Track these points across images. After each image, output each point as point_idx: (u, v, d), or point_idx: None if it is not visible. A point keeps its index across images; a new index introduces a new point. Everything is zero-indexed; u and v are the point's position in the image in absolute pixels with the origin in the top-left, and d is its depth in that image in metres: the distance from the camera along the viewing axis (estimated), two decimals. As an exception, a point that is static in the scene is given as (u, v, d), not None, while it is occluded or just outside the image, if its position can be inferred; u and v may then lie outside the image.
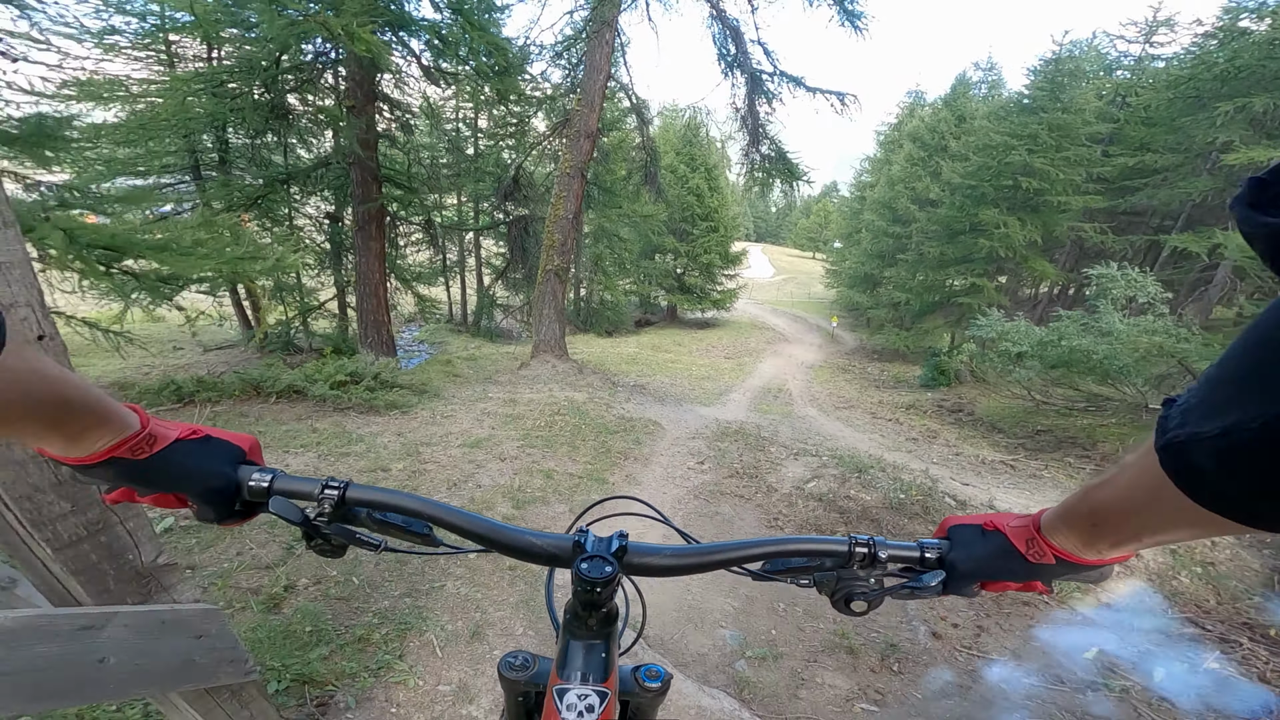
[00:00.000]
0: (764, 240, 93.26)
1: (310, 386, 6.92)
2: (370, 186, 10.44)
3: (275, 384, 6.82)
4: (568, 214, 11.78)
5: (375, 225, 10.93)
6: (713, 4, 9.95)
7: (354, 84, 9.56)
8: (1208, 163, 20.10)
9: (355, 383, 7.41)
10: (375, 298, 11.65)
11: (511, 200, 14.41)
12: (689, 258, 29.74)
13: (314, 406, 6.79)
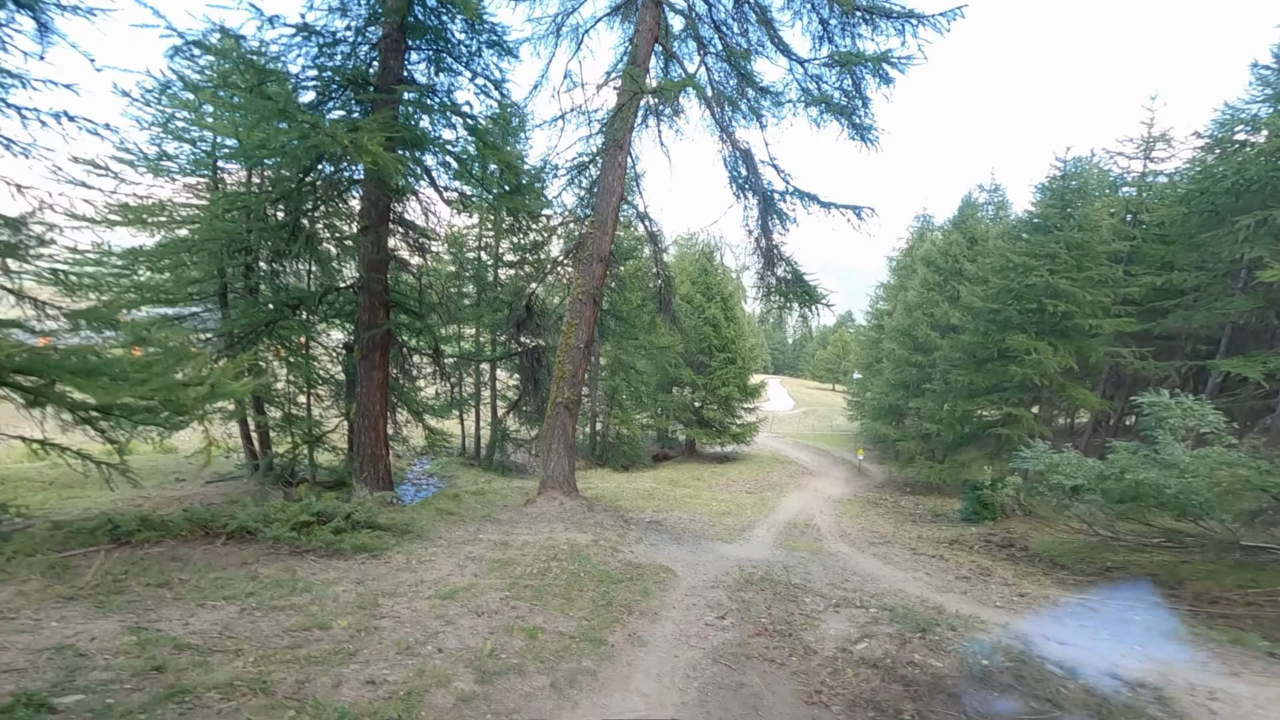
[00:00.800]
0: (782, 372, 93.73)
1: (265, 528, 6.24)
2: (377, 312, 10.39)
3: (226, 524, 6.18)
4: (579, 343, 11.48)
5: (380, 353, 10.75)
6: (723, 127, 10.38)
7: (368, 204, 9.87)
8: (1239, 281, 19.74)
9: (322, 523, 6.68)
10: (374, 430, 11.18)
11: (525, 330, 14.42)
12: (707, 390, 29.48)
13: (266, 549, 6.10)
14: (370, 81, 8.84)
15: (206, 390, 6.02)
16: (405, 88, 8.51)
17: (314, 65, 8.56)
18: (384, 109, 8.70)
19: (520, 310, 13.31)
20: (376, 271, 10.05)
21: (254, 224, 9.01)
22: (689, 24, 9.88)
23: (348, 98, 8.89)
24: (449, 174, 9.70)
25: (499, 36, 8.88)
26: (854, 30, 8.83)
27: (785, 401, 59.69)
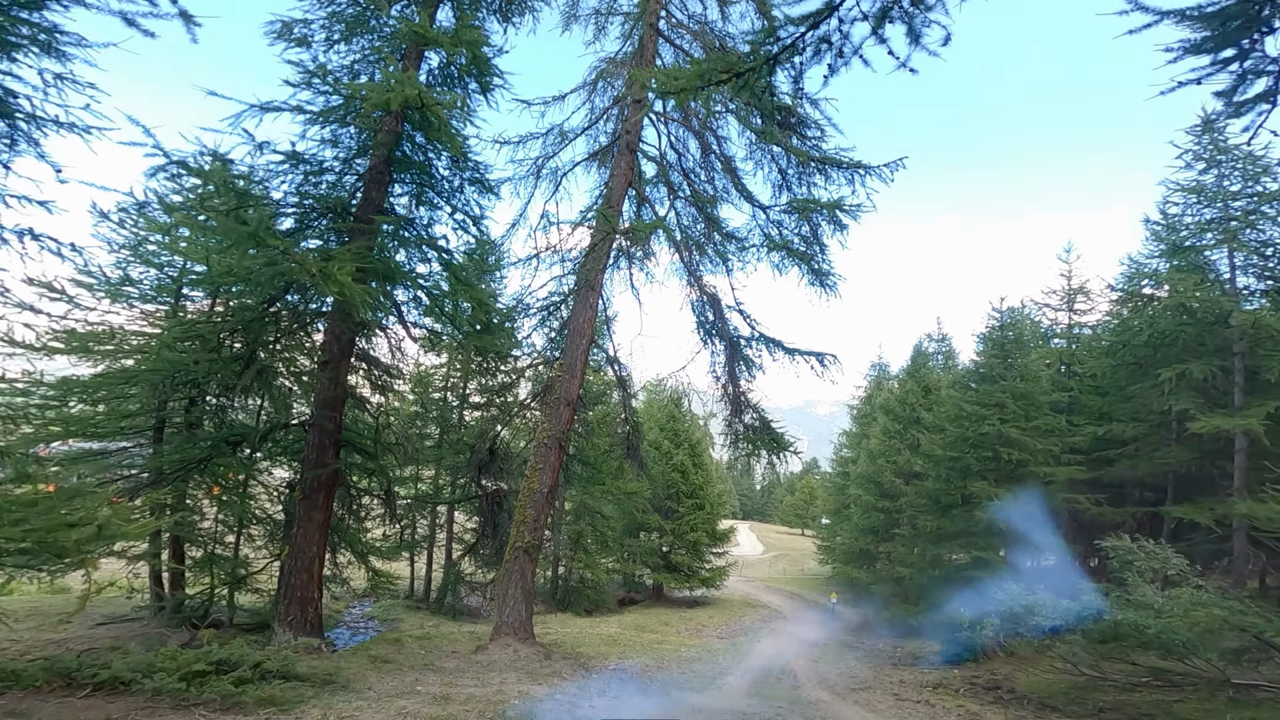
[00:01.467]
0: (751, 518, 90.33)
1: (145, 678, 4.90)
2: (326, 451, 9.20)
3: (97, 673, 4.93)
4: (543, 488, 10.59)
5: (325, 494, 9.39)
6: (690, 271, 10.26)
7: (332, 337, 9.08)
8: (1173, 432, 19.84)
9: (222, 673, 5.25)
10: (308, 572, 9.56)
11: (487, 473, 13.22)
12: (675, 535, 28.20)
13: (143, 703, 4.95)
14: (350, 211, 8.56)
15: (92, 532, 5.02)
16: (385, 219, 8.22)
17: (297, 192, 8.30)
18: (361, 239, 8.32)
19: (483, 453, 12.21)
20: (331, 409, 9.05)
21: (206, 355, 8.11)
22: (660, 170, 10.18)
23: (326, 226, 8.54)
24: (419, 309, 9.17)
25: (482, 174, 8.90)
26: (810, 179, 9.13)
27: (755, 546, 56.72)
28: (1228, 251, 17.29)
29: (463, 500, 16.19)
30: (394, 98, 7.39)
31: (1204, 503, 18.31)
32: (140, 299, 9.96)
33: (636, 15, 10.41)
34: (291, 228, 8.37)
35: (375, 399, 10.76)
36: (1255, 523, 15.30)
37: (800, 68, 5.71)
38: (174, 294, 10.21)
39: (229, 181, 7.12)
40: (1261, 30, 3.77)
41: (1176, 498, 19.89)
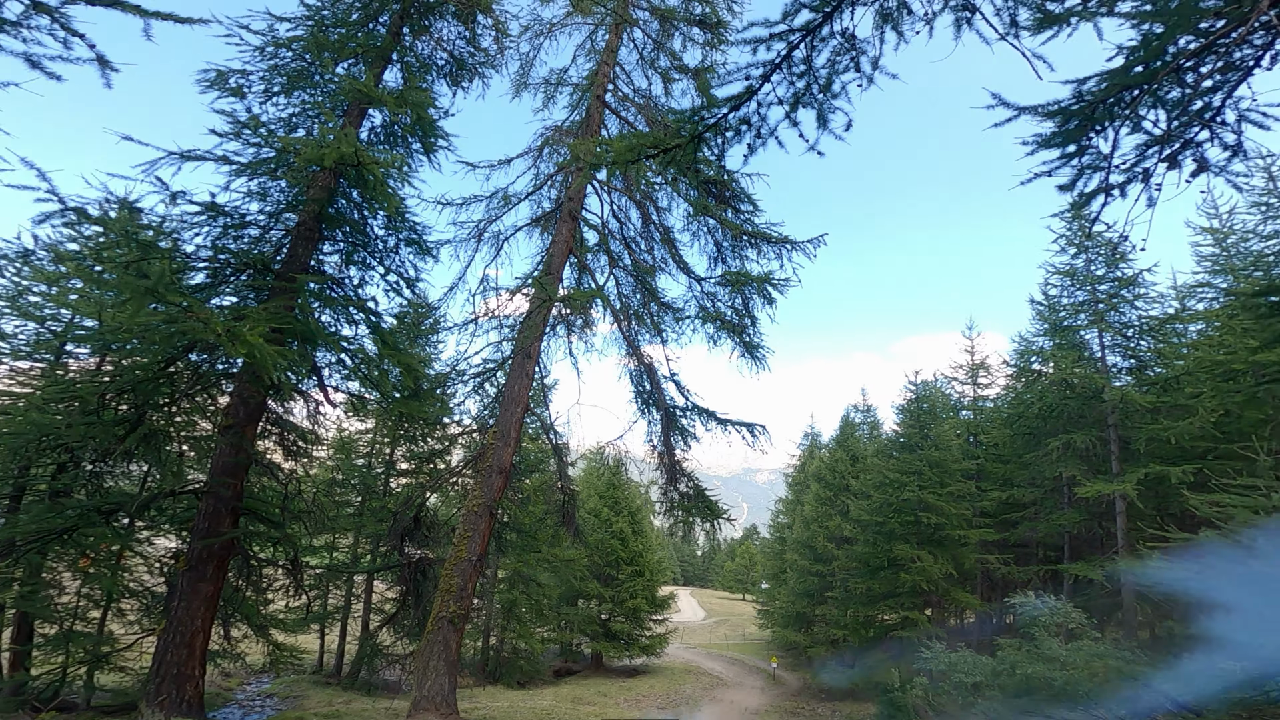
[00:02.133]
0: (692, 584, 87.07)
1: None
2: (221, 520, 7.88)
3: None
4: (471, 556, 9.58)
5: (216, 564, 7.98)
6: (629, 340, 9.88)
7: (238, 400, 7.96)
8: (1065, 496, 20.59)
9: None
10: (188, 647, 8.00)
11: (411, 540, 11.87)
12: (614, 603, 26.50)
13: None
14: (271, 268, 7.74)
15: None
16: (310, 278, 7.48)
17: (213, 246, 7.46)
18: (281, 297, 7.51)
19: (407, 520, 10.95)
20: (231, 476, 7.83)
21: (83, 418, 6.86)
22: (602, 238, 9.98)
23: (243, 282, 7.67)
24: (342, 373, 8.25)
25: (419, 235, 8.36)
26: (742, 252, 9.12)
27: (696, 612, 54.19)
28: (1098, 332, 18.62)
29: (383, 569, 14.50)
30: (329, 154, 6.87)
31: (1095, 559, 18.93)
32: (12, 355, 8.51)
33: (585, 87, 10.56)
34: (202, 283, 7.46)
35: (287, 465, 9.48)
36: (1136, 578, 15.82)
37: (723, 146, 5.71)
38: (55, 350, 8.81)
39: (132, 231, 6.28)
40: (1095, 129, 3.87)
41: (1072, 556, 20.48)
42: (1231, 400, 15.17)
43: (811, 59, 4.90)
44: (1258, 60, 3.42)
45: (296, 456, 9.42)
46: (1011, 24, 3.84)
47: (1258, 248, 16.53)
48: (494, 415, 10.95)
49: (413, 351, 10.74)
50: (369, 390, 8.92)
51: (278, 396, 8.37)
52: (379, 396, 8.81)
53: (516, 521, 16.01)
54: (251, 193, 7.71)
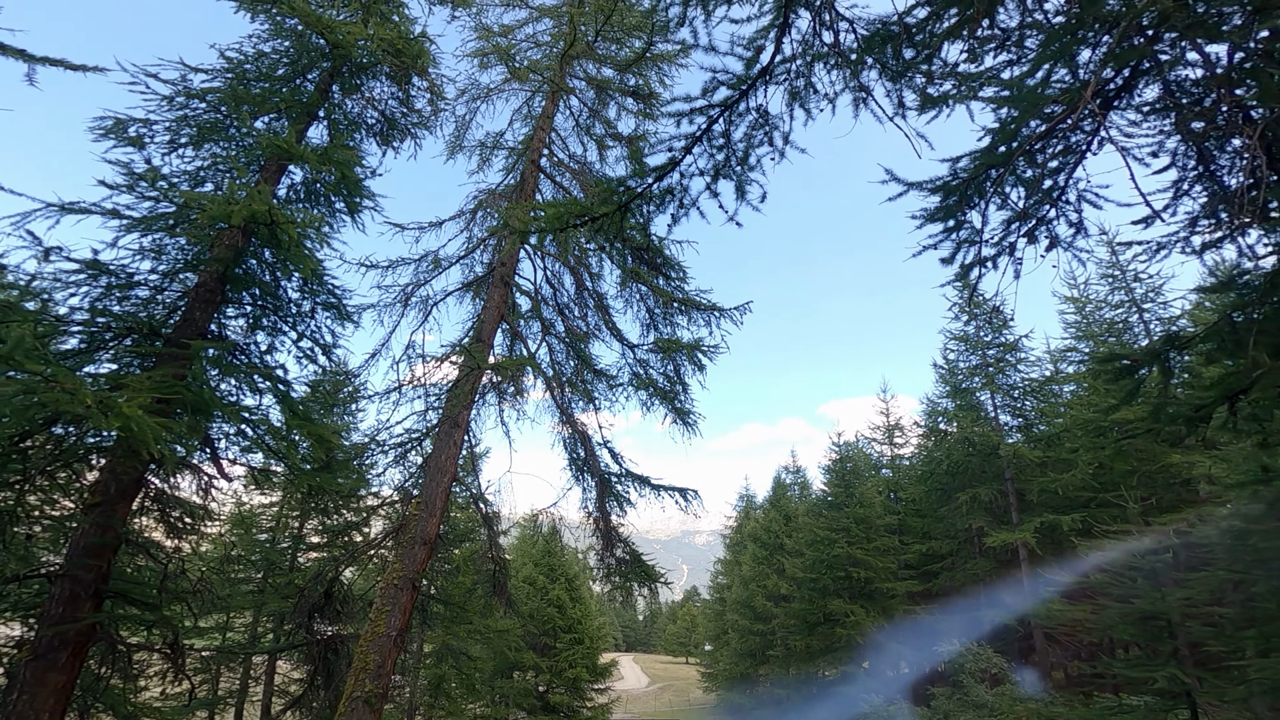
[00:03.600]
0: (635, 649, 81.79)
1: None
2: (80, 604, 6.32)
3: None
4: (391, 631, 8.31)
5: (71, 652, 6.33)
6: (562, 408, 9.24)
7: (110, 476, 6.59)
8: (975, 547, 21.03)
9: None
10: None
11: (321, 617, 10.22)
12: (552, 673, 24.04)
13: None
14: (159, 332, 6.68)
15: None
16: (207, 343, 6.47)
17: (91, 308, 6.35)
18: (170, 364, 6.44)
19: (316, 596, 9.41)
20: (95, 557, 6.36)
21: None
22: (534, 305, 9.45)
23: (126, 348, 6.54)
24: (242, 445, 7.10)
25: (339, 299, 7.52)
26: (673, 319, 8.88)
27: (640, 679, 50.41)
28: (990, 393, 19.76)
29: (286, 649, 12.37)
30: (239, 211, 6.12)
31: (1006, 605, 19.08)
32: None
33: (521, 151, 10.29)
34: (75, 349, 6.29)
35: (170, 543, 7.91)
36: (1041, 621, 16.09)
37: (649, 215, 5.55)
38: None
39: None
40: (969, 205, 3.95)
41: (988, 603, 20.64)
42: (1102, 454, 16.24)
43: (730, 133, 4.89)
44: (1089, 145, 3.63)
45: (181, 534, 7.90)
46: (900, 105, 3.95)
47: (1110, 315, 18.29)
48: (418, 485, 9.86)
49: (327, 421, 9.59)
50: (275, 462, 7.72)
51: (160, 471, 7.05)
52: (285, 469, 7.62)
53: (444, 593, 14.40)
54: (144, 250, 6.72)
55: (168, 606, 8.12)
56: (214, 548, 10.78)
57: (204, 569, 8.50)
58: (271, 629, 14.32)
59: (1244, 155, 3.06)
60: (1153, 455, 14.84)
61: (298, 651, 12.82)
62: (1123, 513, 13.18)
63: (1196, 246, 3.46)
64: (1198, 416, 3.20)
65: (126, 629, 8.18)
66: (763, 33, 4.69)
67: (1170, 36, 2.53)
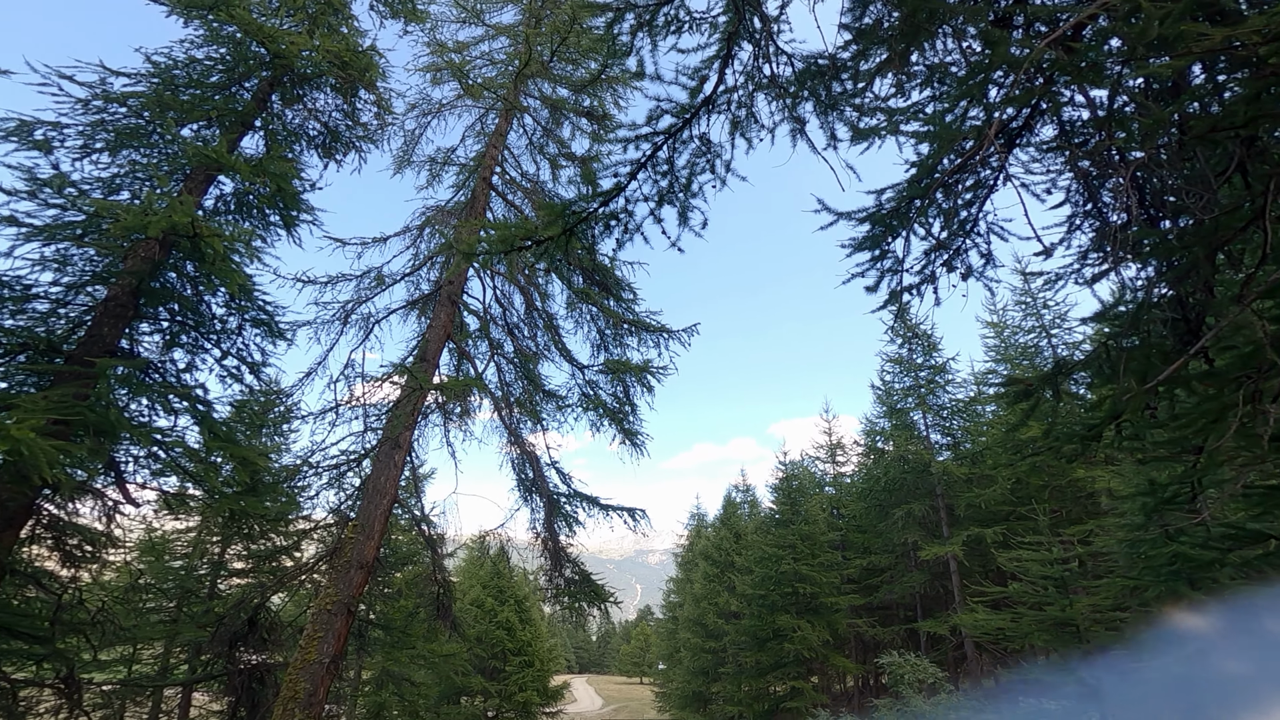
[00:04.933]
0: (588, 670, 79.18)
1: None
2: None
3: None
4: (323, 658, 7.70)
5: None
6: (510, 429, 8.88)
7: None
8: (912, 560, 21.62)
9: None
10: None
11: (245, 645, 9.29)
12: (501, 697, 22.92)
13: None
14: (59, 349, 5.97)
15: None
16: (114, 362, 5.82)
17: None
18: (71, 383, 5.76)
19: (238, 624, 8.52)
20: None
21: None
22: (483, 325, 9.09)
23: (18, 365, 5.80)
24: (154, 468, 6.38)
25: (269, 316, 6.96)
26: (624, 340, 8.77)
27: (593, 700, 48.64)
28: (922, 413, 20.59)
29: (203, 680, 11.13)
30: (157, 222, 5.59)
31: (940, 616, 19.66)
32: None
33: (472, 168, 9.97)
34: (-44, 364, 5.53)
35: (66, 572, 6.98)
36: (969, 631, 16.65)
37: (595, 239, 5.47)
38: None
39: None
40: (893, 236, 4.09)
41: (923, 614, 21.19)
42: (1018, 470, 17.17)
43: (674, 159, 4.91)
44: (996, 180, 3.86)
45: (79, 562, 6.97)
46: (832, 137, 4.07)
47: (1023, 340, 19.52)
48: (356, 508, 9.22)
49: (254, 443, 8.83)
50: (193, 486, 6.99)
51: (55, 497, 6.24)
52: (205, 493, 6.89)
53: (385, 618, 13.46)
54: (45, 260, 6.02)
55: (62, 639, 7.12)
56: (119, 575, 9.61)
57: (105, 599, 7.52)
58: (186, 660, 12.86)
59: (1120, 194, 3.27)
60: (1061, 471, 15.78)
61: (217, 683, 11.56)
62: (1035, 525, 13.92)
63: (1087, 278, 3.66)
64: (1090, 436, 3.34)
65: (11, 664, 7.12)
66: (707, 63, 4.75)
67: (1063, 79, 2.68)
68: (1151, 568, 7.82)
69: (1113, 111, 2.79)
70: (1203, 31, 1.90)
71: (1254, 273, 2.40)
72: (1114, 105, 2.76)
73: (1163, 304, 2.87)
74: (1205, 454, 2.97)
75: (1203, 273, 2.60)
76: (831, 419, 25.74)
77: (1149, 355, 2.84)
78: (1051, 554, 9.97)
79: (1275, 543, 3.46)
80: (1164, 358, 2.74)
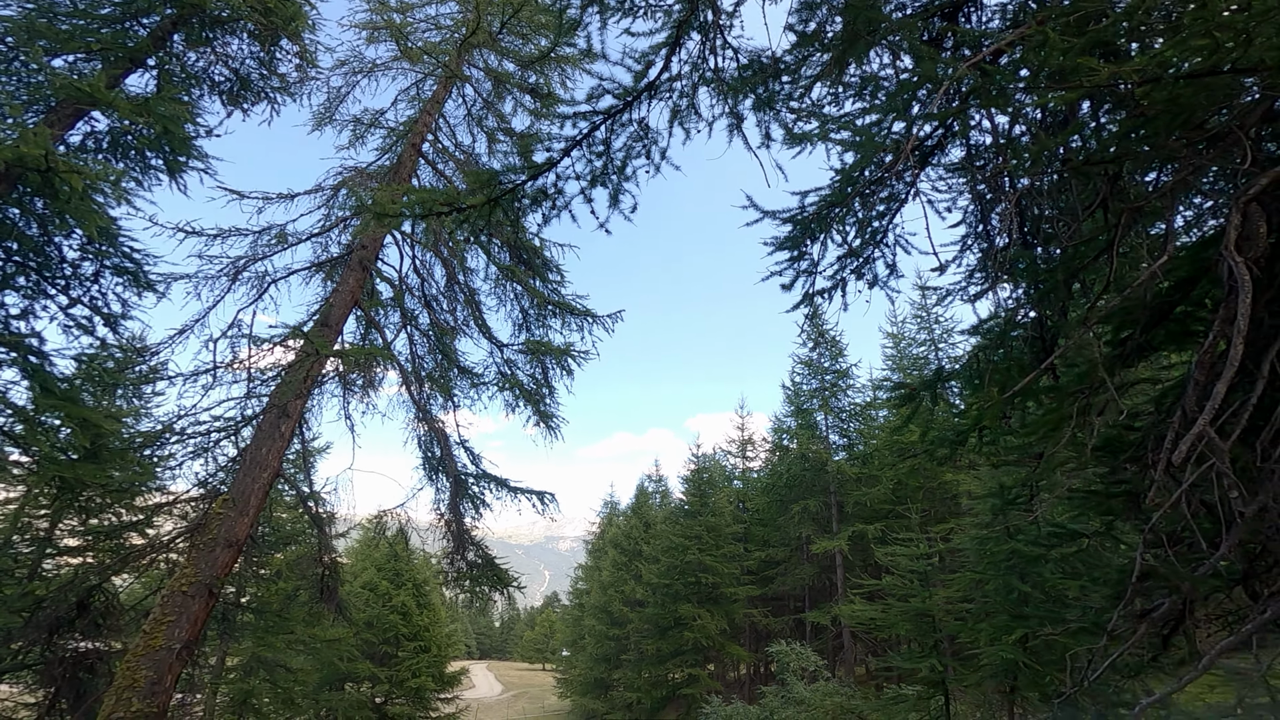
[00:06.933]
0: (489, 656, 77.29)
1: None
2: None
3: None
4: (172, 644, 6.88)
5: None
6: (419, 405, 8.29)
7: None
8: (804, 554, 23.04)
9: None
10: None
11: (73, 631, 7.98)
12: (392, 683, 21.62)
13: None
14: None
15: None
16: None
17: None
18: None
19: (64, 608, 7.25)
20: None
21: None
22: (397, 294, 8.42)
23: None
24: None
25: (136, 264, 5.95)
26: (547, 321, 8.50)
27: (493, 686, 47.53)
28: (824, 414, 21.91)
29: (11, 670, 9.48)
30: (2, 152, 4.60)
31: (825, 607, 21.09)
32: None
33: (402, 133, 9.23)
34: None
35: None
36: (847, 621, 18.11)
37: (519, 213, 5.20)
38: None
39: None
40: (811, 239, 4.27)
41: (810, 605, 22.68)
42: (899, 472, 18.84)
43: (610, 141, 4.76)
44: (908, 193, 4.14)
45: None
46: (766, 137, 4.14)
47: (916, 351, 21.36)
48: (229, 480, 8.20)
49: (105, 404, 7.58)
50: (17, 450, 5.84)
51: None
52: (32, 459, 5.78)
53: (259, 600, 12.21)
54: None
55: None
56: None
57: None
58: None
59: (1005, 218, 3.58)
60: (933, 474, 17.52)
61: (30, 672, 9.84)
62: (908, 523, 15.38)
63: (971, 295, 4.00)
64: (958, 440, 3.65)
65: None
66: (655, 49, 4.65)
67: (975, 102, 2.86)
68: (994, 563, 8.83)
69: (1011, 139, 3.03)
70: (1093, 67, 2.07)
71: (1097, 300, 2.69)
72: (1012, 133, 3.02)
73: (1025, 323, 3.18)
74: (1044, 460, 3.31)
75: (1059, 296, 2.89)
76: (746, 415, 26.61)
77: (1010, 368, 3.12)
78: (919, 550, 11.05)
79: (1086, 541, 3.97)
80: (1021, 371, 3.02)
